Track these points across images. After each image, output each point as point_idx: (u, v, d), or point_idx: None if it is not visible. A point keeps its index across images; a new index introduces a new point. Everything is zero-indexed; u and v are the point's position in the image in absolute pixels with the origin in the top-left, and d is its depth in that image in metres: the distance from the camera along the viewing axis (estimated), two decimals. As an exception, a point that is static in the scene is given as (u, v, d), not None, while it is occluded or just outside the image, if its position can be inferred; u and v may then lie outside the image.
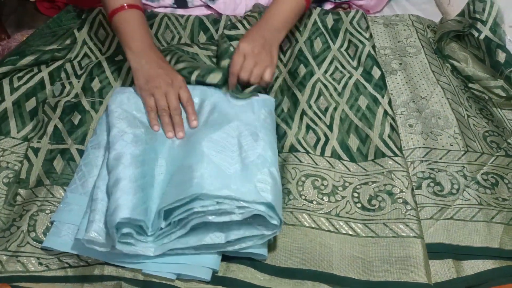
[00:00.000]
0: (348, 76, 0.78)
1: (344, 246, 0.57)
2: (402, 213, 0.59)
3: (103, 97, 0.76)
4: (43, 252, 0.58)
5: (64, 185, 0.64)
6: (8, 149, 0.69)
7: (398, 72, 0.80)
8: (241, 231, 0.54)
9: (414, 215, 0.58)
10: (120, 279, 0.56)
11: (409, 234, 0.56)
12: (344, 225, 0.59)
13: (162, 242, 0.55)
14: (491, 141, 0.69)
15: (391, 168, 0.63)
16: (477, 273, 0.55)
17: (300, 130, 0.70)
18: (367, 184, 0.63)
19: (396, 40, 0.88)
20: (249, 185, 0.54)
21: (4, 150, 0.69)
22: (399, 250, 0.55)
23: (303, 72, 0.79)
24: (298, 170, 0.65)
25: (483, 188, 0.62)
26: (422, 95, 0.75)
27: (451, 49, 0.85)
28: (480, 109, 0.75)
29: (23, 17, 1.12)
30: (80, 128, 0.70)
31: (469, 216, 0.59)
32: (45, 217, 0.60)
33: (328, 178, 0.64)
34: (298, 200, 0.62)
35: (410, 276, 0.53)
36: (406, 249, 0.55)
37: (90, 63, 0.82)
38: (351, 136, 0.69)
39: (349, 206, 0.61)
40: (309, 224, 0.59)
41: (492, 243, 0.56)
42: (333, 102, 0.74)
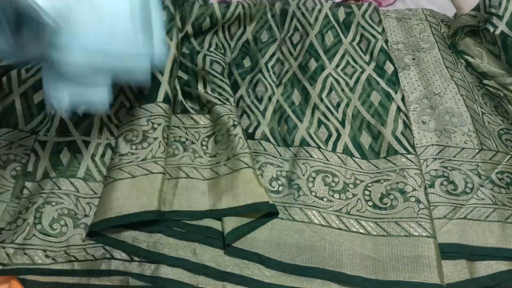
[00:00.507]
0: (360, 71, 0.77)
1: (354, 245, 0.56)
2: (414, 211, 0.57)
3: None
4: (49, 244, 0.58)
5: (70, 177, 0.63)
6: (16, 141, 0.68)
7: (411, 67, 0.79)
8: None
9: (427, 214, 0.57)
10: (127, 274, 0.56)
11: (421, 233, 0.55)
12: (354, 223, 0.58)
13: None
14: (506, 139, 0.67)
15: (404, 166, 0.62)
16: (491, 275, 0.53)
17: (311, 125, 0.69)
18: (379, 182, 0.62)
19: (409, 35, 0.86)
20: None
21: (12, 143, 0.68)
22: (411, 250, 0.54)
23: (314, 66, 0.77)
24: (309, 166, 0.64)
25: (498, 187, 0.60)
26: (435, 91, 0.73)
27: (465, 44, 0.83)
28: (495, 106, 0.73)
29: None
30: (86, 120, 0.70)
31: (483, 216, 0.58)
32: (51, 209, 0.60)
33: (339, 175, 0.63)
34: (309, 196, 0.61)
35: (422, 276, 0.52)
36: (418, 249, 0.54)
37: None
38: (363, 133, 0.68)
39: (360, 204, 0.60)
40: (319, 221, 0.59)
41: (507, 244, 0.55)
42: (345, 98, 0.73)
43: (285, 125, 0.70)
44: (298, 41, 0.83)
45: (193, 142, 0.68)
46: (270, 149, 0.67)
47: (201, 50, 0.79)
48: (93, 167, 0.65)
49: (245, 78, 0.78)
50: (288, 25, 0.86)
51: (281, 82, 0.77)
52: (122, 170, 0.60)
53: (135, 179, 0.59)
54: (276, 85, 0.77)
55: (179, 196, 0.61)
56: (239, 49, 0.83)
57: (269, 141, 0.68)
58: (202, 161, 0.65)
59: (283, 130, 0.69)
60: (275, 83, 0.77)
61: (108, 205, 0.57)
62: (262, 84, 0.76)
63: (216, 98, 0.71)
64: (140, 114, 0.66)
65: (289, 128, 0.69)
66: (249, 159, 0.62)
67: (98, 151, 0.67)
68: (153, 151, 0.62)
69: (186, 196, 0.61)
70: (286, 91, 0.75)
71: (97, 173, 0.65)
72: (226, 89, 0.72)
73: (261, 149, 0.67)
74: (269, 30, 0.86)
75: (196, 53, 0.78)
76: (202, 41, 0.82)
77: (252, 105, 0.73)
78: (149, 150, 0.62)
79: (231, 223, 0.58)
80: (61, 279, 0.56)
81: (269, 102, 0.73)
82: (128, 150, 0.62)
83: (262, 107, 0.73)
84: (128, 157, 0.61)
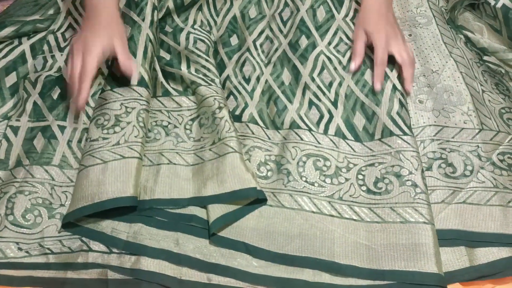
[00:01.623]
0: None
1: (347, 232, 0.53)
2: (411, 196, 0.54)
3: None
4: (22, 237, 0.54)
5: (44, 164, 0.59)
6: None
7: (407, 44, 0.74)
8: None
9: (424, 199, 0.53)
10: (106, 267, 0.52)
11: (418, 219, 0.52)
12: (347, 209, 0.55)
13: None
14: (507, 118, 0.64)
15: (400, 148, 0.58)
16: (492, 262, 0.51)
17: (302, 106, 0.65)
18: (373, 166, 0.58)
19: (406, 10, 0.82)
20: None
21: None
22: (407, 237, 0.51)
23: (305, 44, 0.73)
24: (299, 149, 0.60)
25: (499, 169, 0.57)
26: (433, 68, 0.69)
27: (464, 19, 0.78)
28: (496, 84, 0.70)
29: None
30: (61, 103, 0.65)
31: (483, 200, 0.54)
32: (24, 199, 0.56)
33: (331, 159, 0.59)
34: (299, 182, 0.58)
35: (419, 265, 0.49)
36: (414, 236, 0.51)
37: (75, 35, 0.76)
38: (357, 114, 0.64)
39: (353, 189, 0.57)
40: (309, 208, 0.55)
41: (508, 230, 0.52)
42: (338, 77, 0.68)
43: (274, 107, 0.66)
44: (289, 17, 0.78)
45: (176, 126, 0.64)
46: (258, 132, 0.64)
47: (185, 27, 0.75)
48: (70, 153, 0.61)
49: (232, 57, 0.74)
50: (277, 1, 0.82)
51: (270, 61, 0.73)
52: (93, 156, 0.56)
53: (107, 164, 0.55)
54: (265, 64, 0.72)
55: (161, 183, 0.58)
56: (226, 26, 0.79)
57: (257, 123, 0.65)
58: (186, 146, 0.62)
59: (272, 112, 0.66)
60: (264, 62, 0.73)
61: (80, 194, 0.54)
62: (250, 63, 0.72)
63: (200, 79, 0.67)
64: (112, 98, 0.62)
65: (279, 110, 0.65)
66: (236, 143, 0.58)
67: (75, 137, 0.63)
68: (126, 135, 0.58)
69: (169, 183, 0.58)
70: (275, 70, 0.71)
71: (73, 160, 0.61)
72: (211, 69, 0.68)
73: (248, 132, 0.63)
74: (258, 5, 0.81)
75: (179, 30, 0.74)
76: (186, 18, 0.78)
77: (239, 86, 0.69)
78: (121, 134, 0.58)
79: (216, 210, 0.55)
80: (36, 273, 0.53)
81: (257, 83, 0.70)
82: (99, 135, 0.58)
83: (250, 87, 0.69)
84: (98, 142, 0.58)
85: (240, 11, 0.81)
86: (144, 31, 0.67)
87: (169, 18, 0.77)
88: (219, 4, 0.81)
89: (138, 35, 0.67)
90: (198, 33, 0.74)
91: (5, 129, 0.64)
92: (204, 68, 0.68)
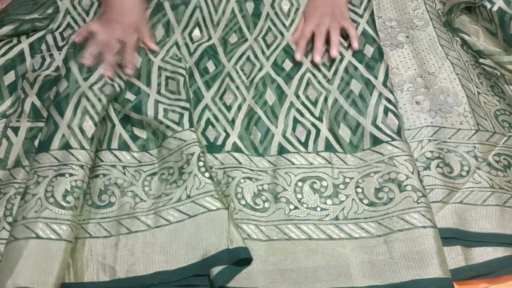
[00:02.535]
0: (340, 58, 0.70)
1: (361, 252, 0.52)
2: (414, 201, 0.53)
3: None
4: None
5: None
6: None
7: (404, 45, 0.75)
8: None
9: (425, 202, 0.53)
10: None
11: (424, 224, 0.51)
12: (355, 227, 0.54)
13: None
14: (503, 120, 0.64)
15: (391, 154, 0.57)
16: (487, 261, 0.51)
17: (287, 127, 0.63)
18: (369, 176, 0.57)
19: (403, 12, 0.82)
20: None
21: None
22: (415, 244, 0.50)
23: (290, 66, 0.71)
24: (293, 175, 0.58)
25: (495, 170, 0.58)
26: (430, 70, 0.70)
27: (461, 22, 0.79)
28: (491, 86, 0.70)
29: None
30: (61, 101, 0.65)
31: (480, 200, 0.55)
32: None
33: (326, 178, 0.58)
34: (301, 209, 0.55)
35: (429, 271, 0.48)
36: (425, 241, 0.50)
37: (73, 34, 0.76)
38: (341, 126, 0.62)
39: (356, 205, 0.55)
40: (318, 236, 0.53)
41: (504, 229, 0.52)
42: (324, 91, 0.67)
43: (257, 132, 0.63)
44: (273, 41, 0.76)
45: (133, 183, 0.58)
46: (245, 161, 0.60)
47: (155, 60, 0.70)
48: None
49: (212, 86, 0.69)
50: (261, 25, 0.78)
51: (253, 82, 0.69)
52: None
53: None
54: (246, 86, 0.69)
55: (121, 259, 0.52)
56: (202, 51, 0.74)
57: (242, 151, 0.61)
58: (145, 206, 0.56)
59: (256, 138, 0.63)
60: (245, 84, 0.69)
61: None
62: (230, 91, 0.68)
63: (167, 127, 0.61)
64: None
65: (262, 135, 0.63)
66: (211, 200, 0.53)
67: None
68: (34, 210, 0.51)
69: (130, 259, 0.52)
70: (257, 92, 0.68)
71: None
72: (181, 105, 0.63)
73: (235, 162, 0.60)
74: (239, 30, 0.78)
75: (149, 65, 0.69)
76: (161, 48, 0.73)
77: (219, 114, 0.65)
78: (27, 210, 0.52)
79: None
80: None
81: (239, 111, 0.66)
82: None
83: (231, 116, 0.65)
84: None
85: (222, 38, 0.77)
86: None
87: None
88: (196, 37, 0.76)
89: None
90: (170, 67, 0.69)
91: (3, 127, 0.64)
92: (174, 106, 0.64)
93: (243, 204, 0.56)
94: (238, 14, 0.80)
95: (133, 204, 0.56)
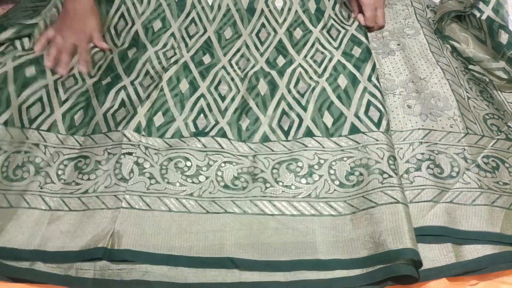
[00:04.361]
0: (329, 57, 0.75)
1: (327, 228, 0.54)
2: (379, 182, 0.56)
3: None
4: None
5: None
6: None
7: (396, 52, 0.77)
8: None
9: (392, 182, 0.56)
10: None
11: (387, 201, 0.54)
12: (325, 206, 0.57)
13: None
14: (491, 124, 0.67)
15: (366, 143, 0.61)
16: (477, 258, 0.52)
17: (274, 118, 0.67)
18: (342, 160, 0.60)
19: (395, 21, 0.85)
20: None
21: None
22: (379, 220, 0.53)
23: (282, 62, 0.76)
24: (271, 159, 0.61)
25: (484, 171, 0.60)
26: (421, 75, 0.72)
27: (451, 30, 0.82)
28: (481, 91, 0.73)
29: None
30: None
31: (469, 200, 0.57)
32: None
33: (302, 159, 0.61)
34: (276, 187, 0.58)
35: (394, 244, 0.50)
36: (388, 217, 0.52)
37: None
38: (325, 114, 0.66)
39: (328, 186, 0.58)
40: (290, 212, 0.56)
41: (493, 228, 0.54)
42: (313, 83, 0.71)
43: (246, 119, 0.67)
44: (266, 38, 0.81)
45: (49, 164, 0.61)
46: (226, 146, 0.63)
47: (149, 50, 0.77)
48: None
49: (206, 76, 0.73)
50: (255, 22, 0.84)
51: (247, 75, 0.73)
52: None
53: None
54: (240, 78, 0.73)
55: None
56: (199, 46, 0.79)
57: (226, 136, 0.64)
58: (53, 188, 0.59)
59: (244, 123, 0.66)
60: (240, 77, 0.73)
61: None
62: (225, 82, 0.72)
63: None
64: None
65: (250, 122, 0.66)
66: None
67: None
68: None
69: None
70: (251, 84, 0.71)
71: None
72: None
73: (217, 147, 0.63)
74: (234, 25, 0.83)
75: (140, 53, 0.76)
76: (157, 43, 0.79)
77: (213, 104, 0.69)
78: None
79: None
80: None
81: (232, 102, 0.70)
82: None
83: (224, 105, 0.69)
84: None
85: (216, 32, 0.82)
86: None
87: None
88: (192, 31, 0.82)
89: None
90: (156, 63, 0.75)
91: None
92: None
93: (222, 185, 0.59)
94: (233, 8, 0.85)
95: (43, 183, 0.59)
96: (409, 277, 0.49)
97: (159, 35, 0.80)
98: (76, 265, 0.52)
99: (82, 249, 0.52)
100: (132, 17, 0.83)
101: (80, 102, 0.69)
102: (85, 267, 0.52)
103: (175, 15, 0.83)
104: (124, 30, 0.82)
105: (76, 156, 0.62)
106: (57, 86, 0.70)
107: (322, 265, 0.51)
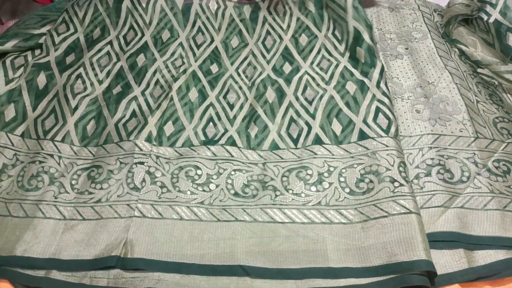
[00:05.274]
0: (335, 64, 0.75)
1: (338, 236, 0.54)
2: (390, 191, 0.56)
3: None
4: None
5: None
6: None
7: (404, 56, 0.78)
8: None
9: (403, 191, 0.56)
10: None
11: (400, 211, 0.54)
12: (336, 214, 0.57)
13: None
14: (501, 127, 0.66)
15: (375, 149, 0.61)
16: (489, 264, 0.52)
17: (282, 125, 0.67)
18: (352, 167, 0.60)
19: (402, 25, 0.85)
20: None
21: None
22: (392, 230, 0.53)
23: (289, 69, 0.76)
24: (281, 167, 0.62)
25: (495, 175, 0.59)
26: (429, 80, 0.72)
27: (459, 33, 0.82)
28: (490, 95, 0.72)
29: (18, 5, 1.09)
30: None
31: (480, 205, 0.56)
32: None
33: (312, 167, 0.61)
34: (286, 195, 0.58)
35: (407, 255, 0.50)
36: (400, 227, 0.52)
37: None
38: (334, 121, 0.66)
39: (338, 193, 0.58)
40: (300, 220, 0.56)
41: (505, 233, 0.53)
42: (321, 90, 0.71)
43: (255, 127, 0.67)
44: (272, 45, 0.81)
45: (63, 175, 0.62)
46: (236, 154, 0.64)
47: (158, 60, 0.78)
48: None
49: (215, 86, 0.74)
50: (259, 30, 0.85)
51: (254, 84, 0.74)
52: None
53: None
54: (248, 87, 0.74)
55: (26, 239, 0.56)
56: (206, 56, 0.80)
57: (236, 145, 0.65)
58: (67, 198, 0.60)
59: (253, 131, 0.67)
60: (248, 86, 0.74)
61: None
62: (233, 91, 0.74)
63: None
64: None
65: (259, 130, 0.67)
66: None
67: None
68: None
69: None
70: (259, 92, 0.72)
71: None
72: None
73: (227, 155, 0.63)
74: (240, 34, 0.84)
75: (150, 62, 0.78)
76: (164, 52, 0.81)
77: (222, 112, 0.70)
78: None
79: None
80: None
81: (240, 110, 0.70)
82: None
83: (233, 114, 0.70)
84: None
85: (223, 41, 0.83)
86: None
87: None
88: (199, 40, 0.83)
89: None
90: (166, 72, 0.76)
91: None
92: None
93: (232, 193, 0.59)
94: (237, 18, 0.86)
95: (57, 193, 0.60)
96: (422, 285, 0.49)
97: (167, 45, 0.81)
98: (90, 274, 0.53)
99: (96, 257, 0.53)
100: (141, 27, 0.85)
101: (91, 112, 0.70)
102: (99, 276, 0.53)
103: (182, 25, 0.85)
104: (133, 39, 0.83)
105: (89, 166, 0.63)
106: (66, 92, 0.72)
107: (333, 273, 0.51)
